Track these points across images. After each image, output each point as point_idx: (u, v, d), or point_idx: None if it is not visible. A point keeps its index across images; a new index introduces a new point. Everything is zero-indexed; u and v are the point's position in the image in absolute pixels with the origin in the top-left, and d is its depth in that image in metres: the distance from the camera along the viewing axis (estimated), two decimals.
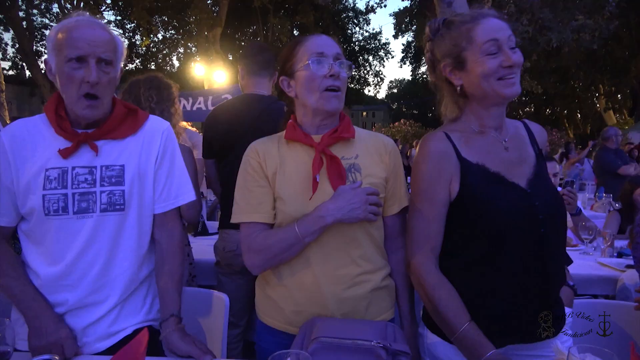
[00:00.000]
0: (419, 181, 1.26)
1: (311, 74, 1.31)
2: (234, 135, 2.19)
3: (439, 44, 1.28)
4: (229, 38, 21.72)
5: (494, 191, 1.20)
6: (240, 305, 2.23)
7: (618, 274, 2.39)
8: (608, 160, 5.94)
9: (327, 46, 1.33)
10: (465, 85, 1.25)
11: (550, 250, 1.21)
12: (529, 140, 1.34)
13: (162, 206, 1.43)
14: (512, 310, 1.19)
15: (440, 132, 1.27)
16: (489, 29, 1.20)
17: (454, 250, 1.25)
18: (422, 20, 19.33)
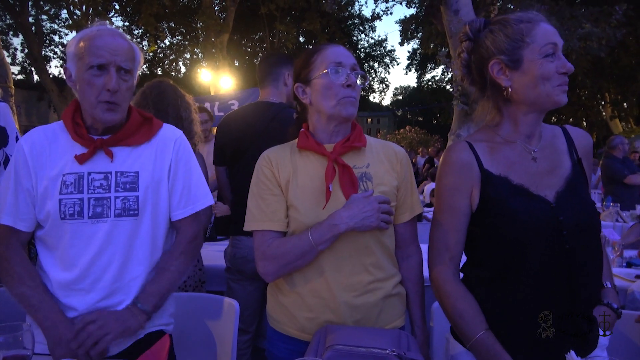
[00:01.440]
0: (441, 191, 1.26)
1: (329, 82, 1.33)
2: (246, 142, 2.22)
3: (489, 41, 1.21)
4: (235, 44, 21.86)
5: (515, 204, 1.17)
6: (250, 311, 2.24)
7: (628, 284, 2.38)
8: (615, 169, 5.92)
9: (344, 56, 1.36)
10: (514, 87, 1.19)
11: (577, 267, 1.16)
12: (566, 149, 1.27)
13: (181, 212, 1.45)
14: (532, 326, 1.16)
15: (463, 142, 1.25)
16: (547, 31, 1.17)
17: (479, 260, 1.25)
18: (427, 28, 19.35)
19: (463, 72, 1.32)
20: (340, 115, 1.34)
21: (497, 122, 1.27)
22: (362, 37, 32.61)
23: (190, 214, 1.46)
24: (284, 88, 2.36)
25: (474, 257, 1.26)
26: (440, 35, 15.19)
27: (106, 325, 1.26)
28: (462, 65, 1.31)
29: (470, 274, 1.26)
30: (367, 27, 31.84)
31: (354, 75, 1.36)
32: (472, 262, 1.26)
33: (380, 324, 1.35)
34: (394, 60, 40.97)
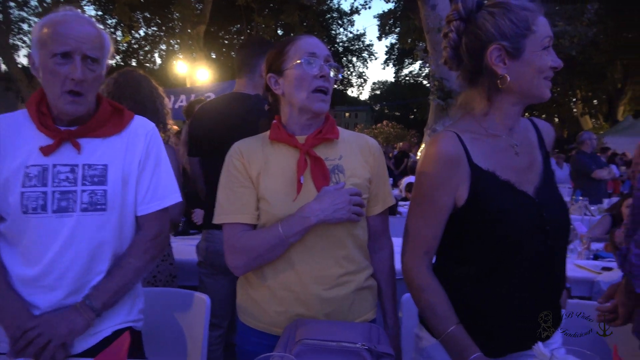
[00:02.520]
0: (424, 184, 1.18)
1: (302, 73, 1.31)
2: (221, 134, 2.17)
3: (490, 24, 1.12)
4: (212, 36, 21.55)
5: (503, 201, 1.14)
6: (223, 306, 2.21)
7: (595, 275, 2.45)
8: (583, 163, 6.06)
9: (318, 47, 1.34)
10: (511, 76, 1.12)
11: (557, 261, 1.19)
12: (537, 143, 1.26)
13: (146, 208, 1.40)
14: (518, 320, 1.18)
15: (451, 132, 1.17)
16: (546, 23, 1.12)
17: (464, 258, 1.21)
18: (405, 22, 19.47)
19: (449, 54, 1.20)
20: (311, 110, 1.33)
21: (485, 112, 1.19)
22: (340, 31, 32.66)
23: (155, 210, 1.41)
24: (260, 80, 2.31)
25: (460, 253, 1.22)
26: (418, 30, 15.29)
27: (46, 333, 1.20)
28: (448, 47, 1.20)
29: (456, 271, 1.22)
30: (345, 21, 31.86)
31: (328, 66, 1.34)
32: (457, 258, 1.23)
33: (352, 317, 1.34)
34: (372, 54, 41.20)
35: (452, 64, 1.22)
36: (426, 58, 9.61)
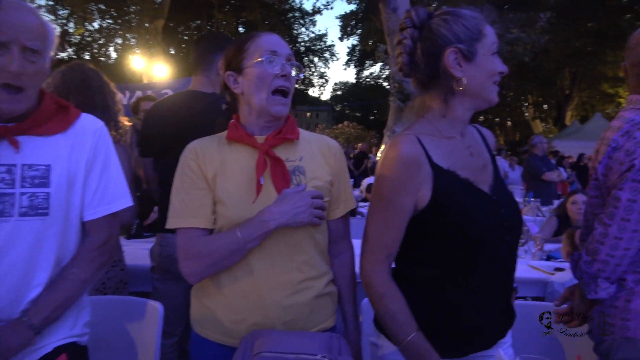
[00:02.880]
0: (385, 186, 1.17)
1: (263, 72, 1.26)
2: (175, 133, 2.07)
3: (445, 29, 1.17)
4: (171, 31, 21.01)
5: (466, 200, 1.16)
6: (177, 313, 2.11)
7: (548, 276, 2.52)
8: (534, 166, 6.30)
9: (280, 45, 1.30)
10: (466, 79, 1.16)
11: (512, 256, 1.23)
12: (484, 146, 1.32)
13: (93, 212, 1.30)
14: (481, 319, 1.19)
15: (411, 135, 1.18)
16: (493, 31, 1.19)
17: (426, 260, 1.20)
18: (367, 24, 19.70)
19: (404, 60, 1.23)
20: (269, 112, 1.28)
21: (442, 115, 1.22)
22: (302, 30, 32.66)
23: (104, 215, 1.31)
24: (217, 78, 2.23)
25: (422, 256, 1.21)
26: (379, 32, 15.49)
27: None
28: (404, 53, 1.22)
29: (418, 274, 1.21)
30: (307, 20, 31.90)
31: (289, 65, 1.29)
32: (419, 261, 1.21)
33: (311, 324, 1.30)
34: (333, 55, 41.45)
35: (407, 69, 1.24)
36: (387, 60, 9.75)
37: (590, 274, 1.36)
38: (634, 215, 1.26)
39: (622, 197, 1.27)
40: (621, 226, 1.28)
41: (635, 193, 1.26)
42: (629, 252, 1.29)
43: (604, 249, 1.31)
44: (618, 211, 1.28)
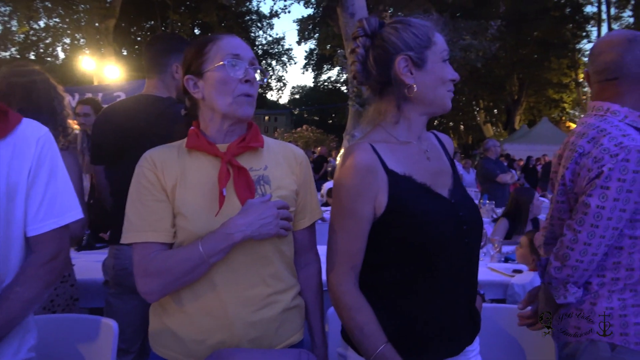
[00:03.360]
0: (343, 196, 1.17)
1: (225, 76, 1.20)
2: (128, 140, 1.97)
3: (395, 37, 1.18)
4: (123, 31, 20.30)
5: (423, 204, 1.16)
6: (133, 329, 2.00)
7: (508, 278, 2.57)
8: (488, 169, 6.50)
9: (242, 48, 1.24)
10: (417, 86, 1.18)
11: (473, 260, 1.23)
12: (442, 151, 1.33)
13: (38, 227, 1.19)
14: (444, 324, 1.18)
15: (365, 143, 1.19)
16: (442, 39, 1.20)
17: (385, 267, 1.19)
18: (324, 29, 19.80)
19: (357, 68, 1.24)
20: (236, 115, 1.22)
21: (395, 121, 1.23)
22: (259, 33, 32.40)
23: (51, 229, 1.21)
24: (172, 81, 2.14)
25: (380, 262, 1.20)
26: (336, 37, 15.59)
27: None
28: (357, 61, 1.23)
29: (378, 280, 1.20)
30: (265, 24, 31.70)
31: (253, 70, 1.24)
32: (378, 267, 1.20)
33: (279, 340, 1.25)
34: (291, 58, 41.46)
35: (361, 77, 1.25)
36: (345, 64, 9.82)
37: (559, 279, 1.39)
38: (602, 221, 1.29)
39: (591, 204, 1.30)
40: (590, 232, 1.31)
41: (603, 200, 1.29)
42: (596, 258, 1.33)
43: (573, 255, 1.34)
44: (587, 217, 1.31)
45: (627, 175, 1.26)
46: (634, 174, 1.26)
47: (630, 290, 1.34)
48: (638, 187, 1.27)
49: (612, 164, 1.28)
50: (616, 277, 1.35)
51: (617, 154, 1.28)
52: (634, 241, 1.33)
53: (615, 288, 1.35)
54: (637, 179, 1.27)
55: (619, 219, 1.29)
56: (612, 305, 1.34)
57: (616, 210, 1.28)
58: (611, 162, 1.28)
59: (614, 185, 1.27)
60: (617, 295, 1.35)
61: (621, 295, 1.34)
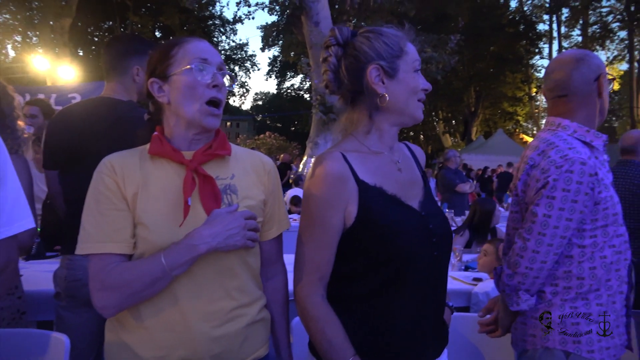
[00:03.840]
0: (312, 205, 1.15)
1: (193, 81, 1.16)
2: (84, 144, 1.88)
3: (367, 46, 1.18)
4: (80, 31, 19.58)
5: (393, 215, 1.15)
6: (86, 343, 1.89)
7: (471, 287, 2.62)
8: (448, 178, 6.67)
9: (211, 53, 1.20)
10: (388, 96, 1.17)
11: (442, 272, 1.22)
12: (414, 162, 1.33)
13: None
14: (412, 337, 1.17)
15: (336, 152, 1.17)
16: (414, 49, 1.21)
17: (354, 278, 1.17)
18: (288, 36, 19.84)
19: (329, 77, 1.23)
20: (201, 125, 1.18)
21: (367, 131, 1.23)
22: (223, 38, 32.07)
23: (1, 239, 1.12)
24: (133, 84, 2.06)
25: (349, 273, 1.18)
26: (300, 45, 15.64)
27: None
28: (329, 70, 1.23)
29: (346, 290, 1.18)
30: (228, 29, 31.41)
31: (221, 75, 1.20)
32: (347, 278, 1.18)
33: (244, 355, 1.21)
34: (254, 65, 41.20)
35: (333, 86, 1.24)
36: (309, 72, 9.85)
37: (511, 286, 1.43)
38: (549, 229, 1.34)
39: (539, 213, 1.35)
40: (538, 240, 1.36)
41: (549, 209, 1.34)
42: (546, 265, 1.37)
43: (523, 262, 1.38)
44: (535, 226, 1.36)
45: (571, 185, 1.32)
46: (578, 184, 1.32)
47: (582, 299, 1.38)
48: (582, 197, 1.33)
49: (556, 174, 1.33)
50: (568, 285, 1.39)
51: (561, 165, 1.34)
52: (582, 250, 1.38)
53: (568, 297, 1.39)
54: (582, 189, 1.32)
55: (566, 227, 1.34)
56: (565, 313, 1.38)
57: (562, 220, 1.33)
58: (556, 173, 1.34)
59: (559, 195, 1.33)
60: (570, 303, 1.39)
61: (573, 303, 1.38)
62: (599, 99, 1.49)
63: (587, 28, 29.95)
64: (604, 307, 1.38)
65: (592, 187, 1.33)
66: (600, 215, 1.37)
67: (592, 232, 1.37)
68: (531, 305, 1.43)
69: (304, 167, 10.44)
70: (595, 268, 1.37)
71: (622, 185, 3.35)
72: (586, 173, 1.32)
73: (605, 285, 1.38)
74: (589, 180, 1.32)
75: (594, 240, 1.37)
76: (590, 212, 1.36)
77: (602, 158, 1.48)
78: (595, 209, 1.36)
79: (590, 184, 1.33)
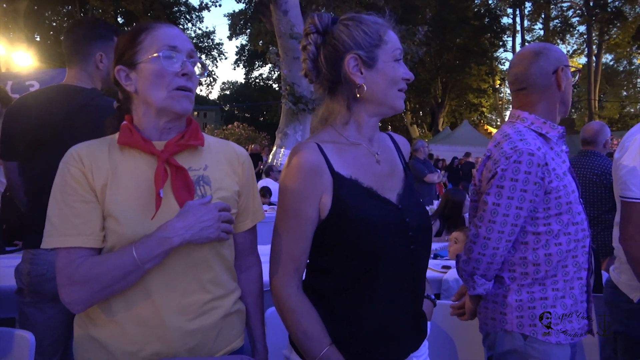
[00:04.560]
0: (287, 196, 1.13)
1: (161, 69, 1.11)
2: (46, 133, 1.80)
3: (346, 35, 1.15)
4: (37, 15, 18.70)
5: (368, 208, 1.14)
6: (51, 340, 1.83)
7: (440, 274, 2.68)
8: (417, 169, 6.78)
9: (180, 39, 1.15)
10: (366, 86, 1.15)
11: (419, 266, 1.21)
12: (397, 153, 1.31)
13: None
14: (387, 330, 1.16)
15: (312, 142, 1.15)
16: (396, 38, 1.18)
17: (329, 270, 1.16)
18: (256, 25, 19.57)
19: (308, 66, 1.21)
20: (172, 111, 1.14)
21: (345, 122, 1.21)
22: (189, 26, 31.31)
23: None
24: (97, 71, 1.98)
25: (324, 266, 1.18)
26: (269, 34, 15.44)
27: None
28: (308, 59, 1.20)
29: (321, 284, 1.18)
30: (194, 16, 30.70)
31: (191, 63, 1.17)
32: (322, 272, 1.18)
33: (218, 347, 1.20)
34: (222, 53, 40.47)
35: (312, 75, 1.22)
36: (278, 62, 9.75)
37: (467, 271, 1.49)
38: (498, 217, 1.39)
39: (489, 201, 1.41)
40: (488, 227, 1.41)
41: (499, 197, 1.39)
42: (499, 251, 1.42)
43: (476, 248, 1.44)
44: (485, 214, 1.41)
45: (519, 175, 1.37)
46: (526, 174, 1.37)
47: (539, 284, 1.44)
48: (532, 186, 1.38)
49: (505, 165, 1.39)
50: (525, 271, 1.44)
51: (510, 156, 1.39)
52: (537, 237, 1.43)
53: (525, 282, 1.44)
54: (530, 179, 1.37)
55: (516, 216, 1.39)
56: (522, 297, 1.44)
57: (512, 208, 1.38)
58: (505, 163, 1.39)
59: (507, 185, 1.38)
60: (527, 289, 1.44)
61: (530, 289, 1.44)
62: (558, 91, 1.52)
63: (549, 22, 30.96)
64: (560, 292, 1.44)
65: (542, 177, 1.38)
66: (553, 204, 1.41)
67: (545, 220, 1.42)
68: (488, 290, 1.49)
69: (273, 157, 10.38)
70: (551, 255, 1.42)
71: (583, 174, 3.49)
72: (534, 163, 1.37)
73: (562, 272, 1.44)
74: (537, 170, 1.37)
75: (548, 227, 1.42)
76: (542, 200, 1.41)
77: (559, 149, 1.52)
78: (547, 198, 1.41)
79: (539, 174, 1.37)
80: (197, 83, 1.19)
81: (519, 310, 1.44)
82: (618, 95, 37.37)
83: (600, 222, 3.39)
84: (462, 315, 1.71)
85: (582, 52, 31.34)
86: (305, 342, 1.12)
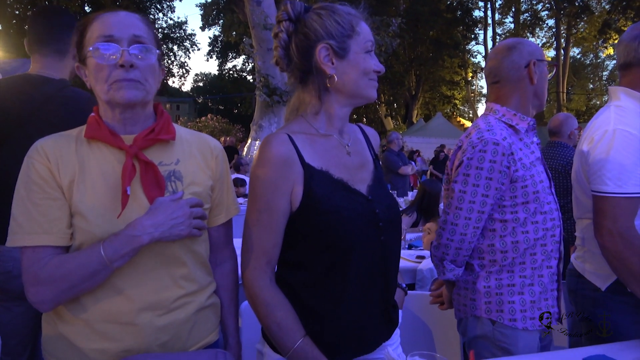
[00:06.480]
0: (258, 188, 1.12)
1: (96, 63, 1.06)
2: (8, 126, 1.73)
3: (318, 24, 1.14)
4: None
5: (338, 199, 1.14)
6: (18, 339, 1.78)
7: (415, 264, 2.71)
8: (391, 160, 6.84)
9: (119, 26, 1.07)
10: (337, 77, 1.14)
11: (390, 257, 1.22)
12: (366, 145, 1.31)
13: None
14: (358, 322, 1.17)
15: (283, 134, 1.14)
16: (368, 30, 1.17)
17: (300, 263, 1.16)
18: (229, 15, 19.26)
19: (280, 54, 1.20)
20: (117, 102, 1.08)
21: (316, 112, 1.19)
22: (160, 16, 30.58)
23: None
24: (72, 61, 1.90)
25: (295, 259, 1.18)
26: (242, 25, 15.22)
27: None
28: (279, 47, 1.19)
29: (292, 277, 1.17)
30: (165, 5, 30.00)
31: (132, 51, 1.07)
32: (293, 264, 1.18)
33: (192, 342, 1.18)
34: (194, 44, 39.74)
35: (283, 63, 1.21)
36: (252, 54, 9.62)
37: (437, 256, 1.54)
38: (464, 204, 1.44)
39: (455, 189, 1.46)
40: (455, 214, 1.46)
41: (465, 185, 1.44)
42: (467, 237, 1.46)
43: (444, 234, 1.49)
44: (453, 201, 1.47)
45: (484, 164, 1.41)
46: (491, 163, 1.41)
47: (508, 271, 1.48)
48: (497, 175, 1.42)
49: (471, 154, 1.44)
50: (493, 259, 1.49)
51: (476, 145, 1.43)
52: (504, 224, 1.47)
53: (493, 269, 1.49)
54: (495, 167, 1.41)
55: (483, 203, 1.43)
56: (490, 284, 1.48)
57: (478, 195, 1.43)
58: (470, 152, 1.44)
59: (473, 173, 1.43)
60: (495, 275, 1.48)
61: (498, 275, 1.48)
62: (531, 84, 1.55)
63: (519, 16, 31.53)
64: (528, 279, 1.48)
65: (508, 166, 1.42)
66: (520, 192, 1.45)
67: (512, 209, 1.46)
68: (457, 275, 1.54)
69: (248, 150, 10.28)
70: (518, 242, 1.46)
71: (550, 165, 3.59)
72: (499, 152, 1.41)
73: (530, 259, 1.48)
74: (502, 159, 1.41)
75: (515, 215, 1.46)
76: (508, 189, 1.45)
77: (529, 140, 1.56)
78: (513, 187, 1.45)
79: (504, 162, 1.41)
80: (146, 70, 1.10)
81: (487, 296, 1.48)
82: (585, 88, 38.55)
83: (567, 211, 3.50)
84: (441, 304, 1.75)
85: (551, 45, 32.11)
86: (278, 335, 1.12)
